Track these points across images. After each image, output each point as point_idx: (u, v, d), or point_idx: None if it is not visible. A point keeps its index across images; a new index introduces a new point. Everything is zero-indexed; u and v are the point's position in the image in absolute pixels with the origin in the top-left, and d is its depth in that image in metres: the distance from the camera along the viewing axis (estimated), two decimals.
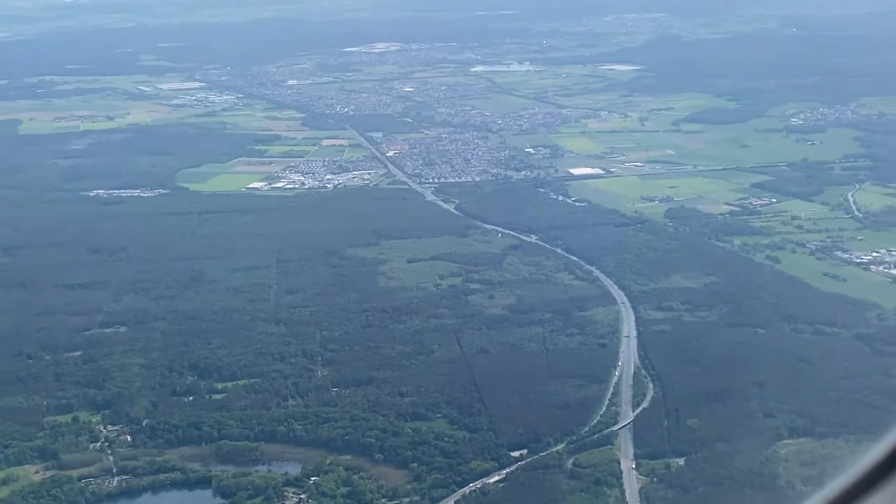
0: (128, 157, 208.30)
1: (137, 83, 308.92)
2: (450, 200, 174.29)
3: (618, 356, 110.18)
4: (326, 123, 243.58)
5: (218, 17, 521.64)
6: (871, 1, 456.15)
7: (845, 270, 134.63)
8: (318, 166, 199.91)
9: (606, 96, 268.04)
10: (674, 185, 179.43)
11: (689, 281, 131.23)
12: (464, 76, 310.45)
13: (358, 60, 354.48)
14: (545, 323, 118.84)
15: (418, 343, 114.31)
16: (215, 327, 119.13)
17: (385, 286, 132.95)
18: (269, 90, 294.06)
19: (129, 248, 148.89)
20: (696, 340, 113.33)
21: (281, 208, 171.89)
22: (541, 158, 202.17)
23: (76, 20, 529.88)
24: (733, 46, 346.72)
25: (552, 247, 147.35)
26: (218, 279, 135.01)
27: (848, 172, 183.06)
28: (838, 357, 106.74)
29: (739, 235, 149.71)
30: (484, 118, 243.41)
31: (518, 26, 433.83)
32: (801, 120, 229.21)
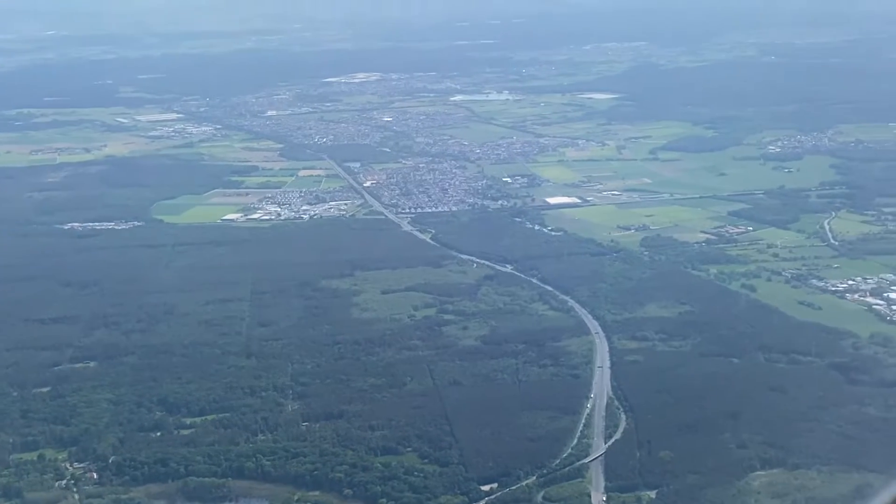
0: (103, 190, 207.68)
1: (115, 115, 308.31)
2: (426, 230, 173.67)
3: (590, 387, 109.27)
4: (304, 154, 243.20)
5: (199, 48, 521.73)
6: (849, 29, 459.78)
7: (821, 299, 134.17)
8: (294, 197, 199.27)
9: (585, 125, 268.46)
10: (650, 214, 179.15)
11: (663, 310, 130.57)
12: (443, 105, 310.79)
13: (338, 90, 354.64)
14: (518, 354, 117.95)
15: (390, 375, 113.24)
16: (186, 361, 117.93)
17: (358, 318, 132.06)
18: (247, 121, 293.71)
19: (101, 281, 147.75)
20: (670, 370, 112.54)
21: (256, 240, 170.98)
22: (518, 188, 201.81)
23: (57, 52, 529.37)
24: (712, 74, 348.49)
25: (527, 277, 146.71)
26: (190, 312, 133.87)
27: (824, 200, 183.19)
28: (812, 387, 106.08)
29: (715, 264, 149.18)
30: (462, 147, 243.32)
31: (498, 55, 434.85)
32: (778, 147, 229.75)
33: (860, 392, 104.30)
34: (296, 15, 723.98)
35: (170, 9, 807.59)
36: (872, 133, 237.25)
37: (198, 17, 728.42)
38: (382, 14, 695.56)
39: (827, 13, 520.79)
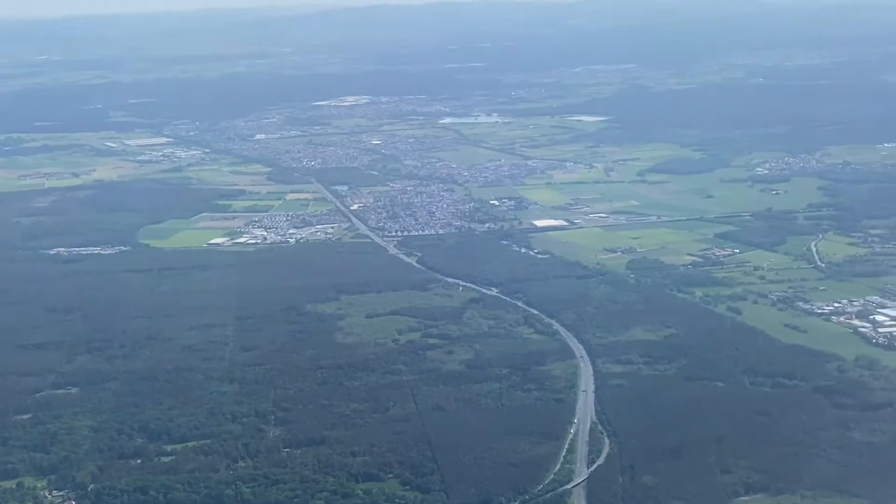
0: (90, 215, 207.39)
1: (105, 139, 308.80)
2: (412, 254, 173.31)
3: (574, 412, 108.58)
4: (292, 177, 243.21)
5: (190, 72, 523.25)
6: (838, 51, 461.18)
7: (806, 321, 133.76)
8: (281, 221, 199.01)
9: (573, 147, 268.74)
10: (637, 237, 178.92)
11: (648, 333, 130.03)
12: (432, 128, 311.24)
13: (327, 114, 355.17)
14: (502, 378, 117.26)
15: (373, 400, 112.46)
16: (168, 387, 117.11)
17: (343, 342, 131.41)
18: (236, 145, 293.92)
19: (85, 306, 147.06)
20: (654, 395, 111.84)
21: (241, 264, 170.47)
22: (505, 210, 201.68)
23: (49, 77, 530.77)
24: (701, 97, 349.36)
25: (513, 300, 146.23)
26: (174, 337, 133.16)
27: (811, 222, 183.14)
28: (797, 410, 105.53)
29: (701, 287, 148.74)
30: (450, 170, 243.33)
31: (487, 78, 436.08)
32: (766, 169, 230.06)
33: (845, 416, 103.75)
34: (287, 39, 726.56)
35: (162, 33, 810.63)
36: (860, 154, 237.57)
37: (190, 41, 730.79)
38: (373, 38, 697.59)
39: (817, 35, 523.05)
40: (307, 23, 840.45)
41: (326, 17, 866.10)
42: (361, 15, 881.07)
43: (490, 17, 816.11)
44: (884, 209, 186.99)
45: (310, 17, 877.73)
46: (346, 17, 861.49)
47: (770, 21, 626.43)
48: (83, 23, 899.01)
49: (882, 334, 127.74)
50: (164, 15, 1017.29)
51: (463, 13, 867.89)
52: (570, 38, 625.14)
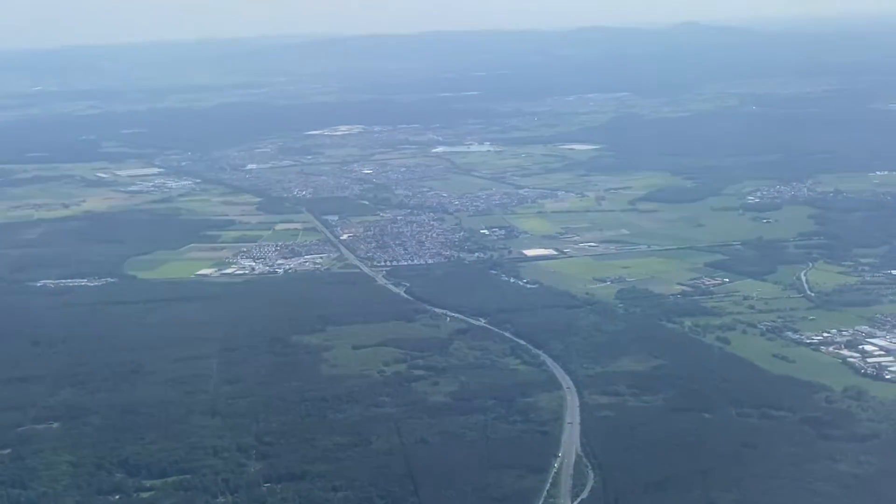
0: (78, 246, 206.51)
1: (97, 170, 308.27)
2: (400, 284, 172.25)
3: (559, 444, 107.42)
4: (282, 207, 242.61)
5: (184, 102, 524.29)
6: (831, 79, 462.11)
7: (795, 351, 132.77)
8: (270, 251, 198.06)
9: (565, 176, 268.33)
10: (627, 266, 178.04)
11: (636, 364, 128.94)
12: (424, 157, 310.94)
13: (320, 143, 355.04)
14: (488, 410, 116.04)
15: (357, 434, 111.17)
16: (149, 421, 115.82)
17: (328, 374, 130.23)
18: (227, 175, 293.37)
19: (70, 339, 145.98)
20: (640, 426, 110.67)
21: (228, 295, 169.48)
22: (495, 240, 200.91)
23: (43, 108, 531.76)
24: (694, 125, 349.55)
25: (500, 330, 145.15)
26: (157, 370, 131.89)
27: (802, 251, 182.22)
28: (784, 442, 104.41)
29: (690, 316, 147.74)
30: (441, 199, 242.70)
31: (481, 107, 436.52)
32: (757, 198, 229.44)
33: (832, 447, 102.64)
34: (282, 69, 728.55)
35: (158, 63, 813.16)
36: (851, 183, 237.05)
37: (185, 71, 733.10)
38: (368, 67, 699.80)
39: (811, 63, 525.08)
40: (302, 52, 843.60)
41: (321, 47, 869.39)
42: (356, 45, 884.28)
43: (484, 47, 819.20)
44: (874, 238, 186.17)
45: (305, 47, 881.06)
46: (341, 47, 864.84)
47: (764, 49, 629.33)
48: (80, 53, 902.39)
49: (871, 364, 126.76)
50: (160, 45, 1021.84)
51: (457, 43, 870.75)
52: (564, 67, 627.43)
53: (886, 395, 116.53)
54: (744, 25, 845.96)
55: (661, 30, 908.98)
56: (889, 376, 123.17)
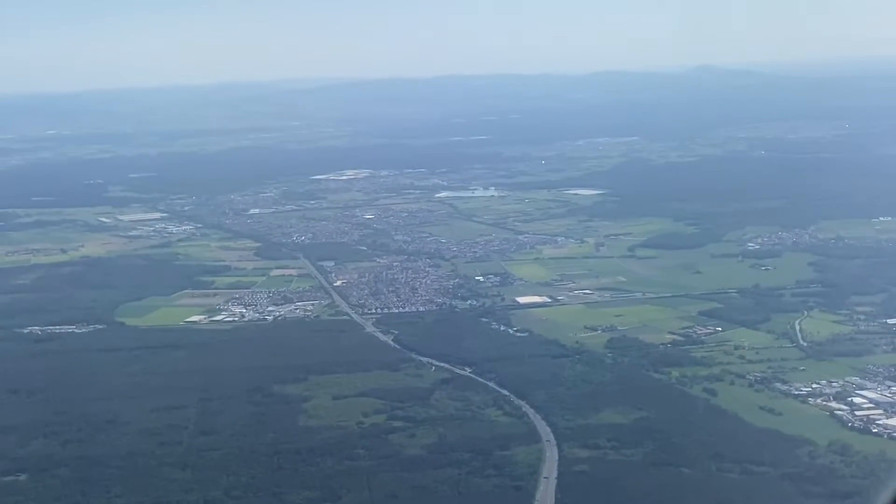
0: (71, 292, 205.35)
1: (99, 214, 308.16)
2: (389, 332, 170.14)
3: (533, 500, 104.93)
4: (280, 253, 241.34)
5: (195, 146, 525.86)
6: (840, 123, 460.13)
7: (782, 403, 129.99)
8: (262, 298, 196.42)
9: (566, 221, 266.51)
10: (619, 314, 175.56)
11: (618, 416, 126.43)
12: (427, 202, 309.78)
13: (325, 188, 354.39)
14: (463, 464, 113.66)
15: (327, 488, 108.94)
16: (118, 474, 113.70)
17: (305, 425, 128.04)
18: (229, 219, 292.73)
19: (49, 388, 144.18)
20: (617, 481, 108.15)
21: (215, 342, 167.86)
22: (489, 286, 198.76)
23: (55, 151, 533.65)
24: (700, 170, 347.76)
25: (485, 380, 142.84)
26: (133, 420, 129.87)
27: (798, 299, 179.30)
28: (761, 499, 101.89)
29: (678, 366, 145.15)
30: (439, 245, 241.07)
31: (489, 151, 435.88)
32: (757, 244, 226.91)
33: None
34: (296, 113, 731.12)
35: (174, 107, 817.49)
36: (854, 229, 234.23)
37: (200, 115, 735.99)
38: (381, 111, 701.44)
39: (822, 107, 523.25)
40: (319, 97, 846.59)
41: (338, 91, 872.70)
42: (372, 88, 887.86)
43: (497, 91, 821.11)
44: (872, 285, 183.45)
45: (321, 91, 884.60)
46: (358, 92, 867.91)
47: (778, 92, 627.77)
48: (97, 98, 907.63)
49: (858, 417, 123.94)
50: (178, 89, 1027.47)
51: (471, 87, 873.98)
52: (576, 111, 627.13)
53: (872, 449, 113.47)
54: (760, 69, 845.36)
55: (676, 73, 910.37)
56: (876, 430, 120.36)
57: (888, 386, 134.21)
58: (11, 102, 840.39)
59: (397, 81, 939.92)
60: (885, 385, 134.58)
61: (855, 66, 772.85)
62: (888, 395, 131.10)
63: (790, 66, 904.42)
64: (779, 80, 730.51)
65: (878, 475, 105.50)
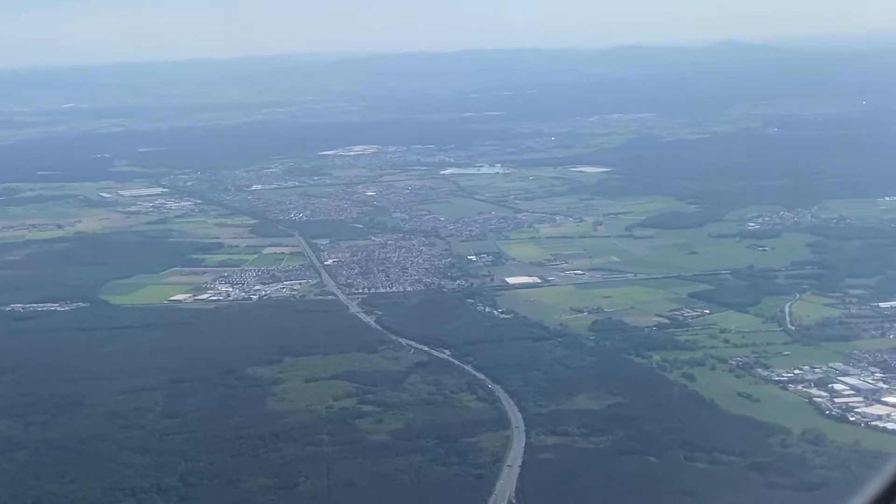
0: (60, 269, 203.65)
1: (101, 189, 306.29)
2: (372, 313, 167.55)
3: (493, 490, 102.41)
4: (275, 230, 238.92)
5: (208, 121, 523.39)
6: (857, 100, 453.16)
7: (761, 389, 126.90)
8: (250, 276, 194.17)
9: (568, 200, 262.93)
10: (608, 295, 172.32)
11: (592, 402, 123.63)
12: (430, 179, 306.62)
13: (330, 164, 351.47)
14: (427, 451, 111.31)
15: (285, 475, 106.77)
16: (76, 458, 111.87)
17: (273, 409, 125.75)
18: (230, 196, 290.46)
19: (21, 367, 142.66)
20: (581, 471, 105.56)
21: (195, 322, 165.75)
22: (481, 266, 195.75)
23: (68, 125, 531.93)
24: (710, 147, 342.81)
25: (462, 363, 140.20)
26: (100, 402, 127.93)
27: (792, 281, 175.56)
28: (727, 490, 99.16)
29: (661, 350, 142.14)
30: (437, 223, 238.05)
31: (501, 127, 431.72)
32: (758, 224, 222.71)
33: (776, 496, 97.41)
34: (313, 87, 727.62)
35: (193, 81, 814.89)
36: (857, 209, 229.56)
37: (218, 89, 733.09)
38: (398, 86, 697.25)
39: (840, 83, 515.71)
40: (337, 71, 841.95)
41: (358, 66, 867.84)
42: (393, 63, 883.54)
43: (517, 66, 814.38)
44: (869, 267, 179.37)
45: (341, 65, 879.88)
46: (377, 66, 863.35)
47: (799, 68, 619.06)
48: (117, 70, 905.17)
49: (837, 405, 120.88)
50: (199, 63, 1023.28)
51: (490, 61, 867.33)
52: (595, 86, 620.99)
53: (846, 439, 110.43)
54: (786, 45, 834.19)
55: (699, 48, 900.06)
56: (854, 418, 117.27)
57: (871, 372, 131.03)
58: (30, 75, 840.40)
59: (419, 55, 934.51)
60: (868, 371, 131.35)
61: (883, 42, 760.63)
62: (870, 381, 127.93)
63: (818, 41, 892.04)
64: (803, 56, 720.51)
65: (849, 466, 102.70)
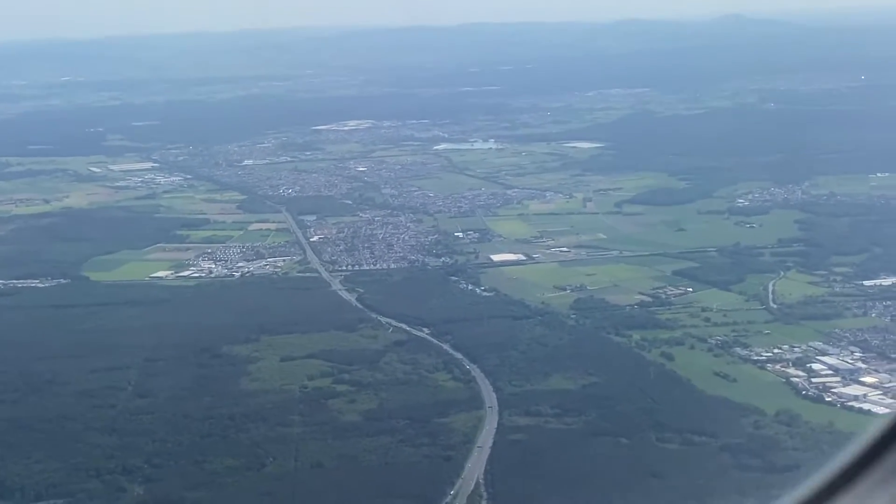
0: (44, 244, 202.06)
1: (92, 164, 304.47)
2: (354, 290, 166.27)
3: (461, 471, 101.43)
4: (263, 206, 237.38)
5: (205, 94, 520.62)
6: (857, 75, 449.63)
7: (739, 369, 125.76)
8: (234, 253, 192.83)
9: (559, 176, 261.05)
10: (592, 273, 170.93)
11: (567, 382, 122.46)
12: (423, 154, 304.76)
13: (324, 139, 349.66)
14: (397, 432, 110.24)
15: (252, 456, 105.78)
16: (42, 438, 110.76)
17: (246, 388, 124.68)
18: (220, 171, 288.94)
19: None
20: (551, 452, 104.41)
21: (175, 300, 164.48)
22: (467, 243, 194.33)
23: (64, 98, 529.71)
24: (705, 123, 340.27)
25: (440, 342, 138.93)
26: (72, 381, 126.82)
27: (777, 259, 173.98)
28: (696, 472, 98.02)
29: (641, 329, 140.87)
30: (426, 200, 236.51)
31: (497, 102, 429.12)
32: (747, 201, 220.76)
33: (745, 479, 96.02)
34: (313, 61, 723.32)
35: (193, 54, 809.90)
36: (849, 185, 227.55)
37: (217, 62, 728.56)
38: (398, 60, 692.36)
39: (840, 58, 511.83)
40: (337, 44, 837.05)
41: (358, 39, 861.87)
42: (395, 36, 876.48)
43: (518, 39, 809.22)
44: (855, 245, 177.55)
45: (341, 39, 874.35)
46: (379, 39, 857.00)
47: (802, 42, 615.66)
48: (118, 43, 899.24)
49: (815, 385, 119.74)
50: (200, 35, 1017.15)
51: (492, 35, 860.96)
52: (594, 61, 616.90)
53: (821, 420, 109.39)
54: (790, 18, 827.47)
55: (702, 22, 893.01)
56: (830, 399, 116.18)
57: (851, 352, 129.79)
58: (29, 48, 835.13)
59: (420, 29, 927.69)
60: (847, 351, 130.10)
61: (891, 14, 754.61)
62: (849, 361, 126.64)
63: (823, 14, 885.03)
64: (807, 30, 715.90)
65: (821, 448, 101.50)
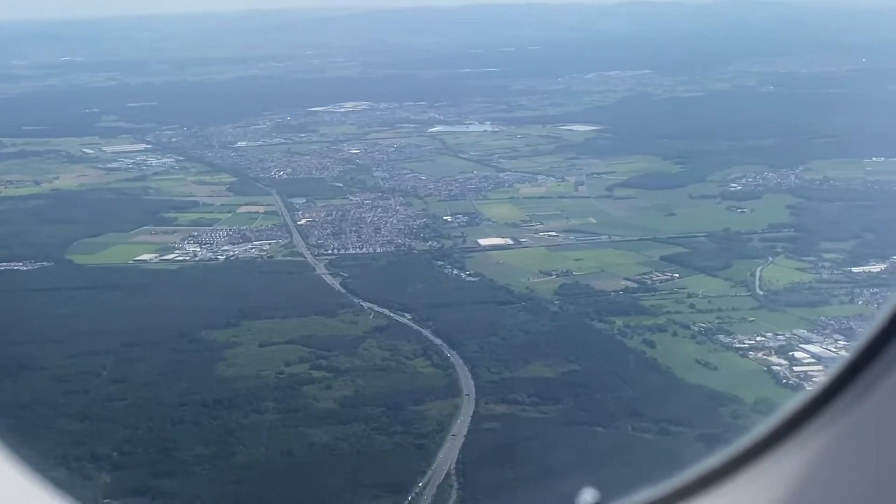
0: (29, 227, 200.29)
1: (85, 145, 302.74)
2: (338, 275, 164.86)
3: (433, 460, 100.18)
4: (253, 189, 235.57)
5: (203, 75, 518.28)
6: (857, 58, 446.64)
7: (721, 357, 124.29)
8: (220, 236, 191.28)
9: (552, 159, 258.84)
10: (580, 258, 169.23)
11: (546, 369, 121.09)
12: (417, 137, 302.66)
13: (319, 120, 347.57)
14: (371, 419, 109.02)
15: (223, 444, 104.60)
16: (13, 424, 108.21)
17: (222, 374, 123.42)
18: (213, 152, 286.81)
19: None
20: (524, 441, 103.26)
21: (157, 283, 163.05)
22: (455, 227, 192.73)
23: (62, 79, 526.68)
24: (703, 105, 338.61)
25: (421, 328, 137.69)
26: (47, 367, 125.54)
27: (766, 244, 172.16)
28: (669, 462, 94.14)
29: (624, 316, 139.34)
30: (417, 182, 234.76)
31: (495, 84, 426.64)
32: (740, 185, 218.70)
33: None
34: (313, 41, 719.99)
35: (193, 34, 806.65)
36: (843, 170, 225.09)
37: (216, 43, 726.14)
38: (399, 41, 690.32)
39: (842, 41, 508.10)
40: (339, 25, 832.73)
41: (361, 20, 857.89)
42: (398, 17, 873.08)
43: (522, 21, 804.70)
44: (846, 231, 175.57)
45: (345, 20, 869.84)
46: (382, 20, 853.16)
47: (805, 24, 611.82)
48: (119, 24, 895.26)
49: (796, 373, 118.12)
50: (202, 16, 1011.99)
51: (497, 16, 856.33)
52: (596, 43, 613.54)
53: None
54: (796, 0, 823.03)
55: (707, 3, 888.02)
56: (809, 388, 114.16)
57: (835, 339, 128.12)
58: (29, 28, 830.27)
59: (424, 10, 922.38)
60: (831, 339, 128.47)
61: None
62: (832, 349, 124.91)
63: None
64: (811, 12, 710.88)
65: None
